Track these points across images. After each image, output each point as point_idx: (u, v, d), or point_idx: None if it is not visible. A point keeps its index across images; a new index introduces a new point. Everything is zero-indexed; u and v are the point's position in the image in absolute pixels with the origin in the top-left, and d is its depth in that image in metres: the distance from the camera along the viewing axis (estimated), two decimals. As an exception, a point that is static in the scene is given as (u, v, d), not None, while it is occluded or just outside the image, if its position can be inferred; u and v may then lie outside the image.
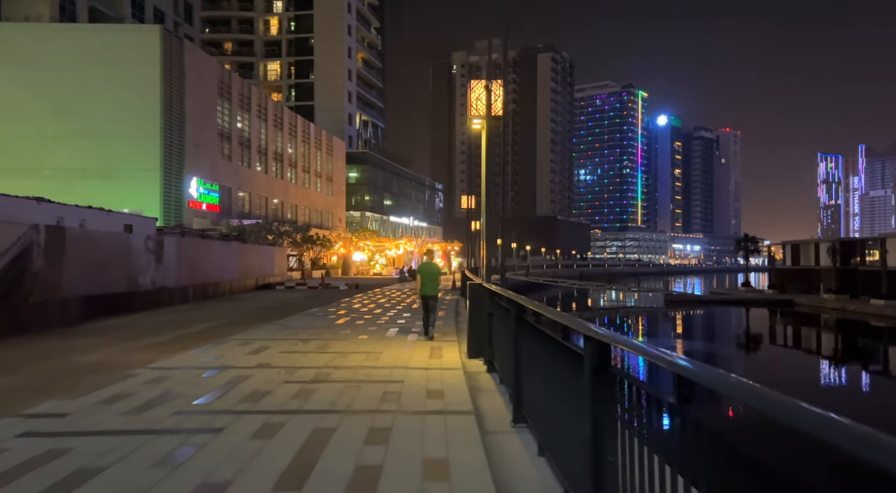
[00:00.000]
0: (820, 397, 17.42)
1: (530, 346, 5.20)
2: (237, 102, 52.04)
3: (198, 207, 44.45)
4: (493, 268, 9.30)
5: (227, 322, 15.77)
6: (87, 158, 40.29)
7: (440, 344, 11.68)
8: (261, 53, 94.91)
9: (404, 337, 12.72)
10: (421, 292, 12.60)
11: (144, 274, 20.06)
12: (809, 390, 18.91)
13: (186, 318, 16.99)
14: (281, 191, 61.25)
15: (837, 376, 22.84)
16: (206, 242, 25.94)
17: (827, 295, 41.86)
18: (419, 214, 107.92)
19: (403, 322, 15.79)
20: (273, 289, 33.18)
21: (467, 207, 28.45)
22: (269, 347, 10.93)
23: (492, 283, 9.33)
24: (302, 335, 12.74)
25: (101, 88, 40.05)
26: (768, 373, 22.10)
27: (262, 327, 14.12)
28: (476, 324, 9.83)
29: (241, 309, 20.29)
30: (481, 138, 10.50)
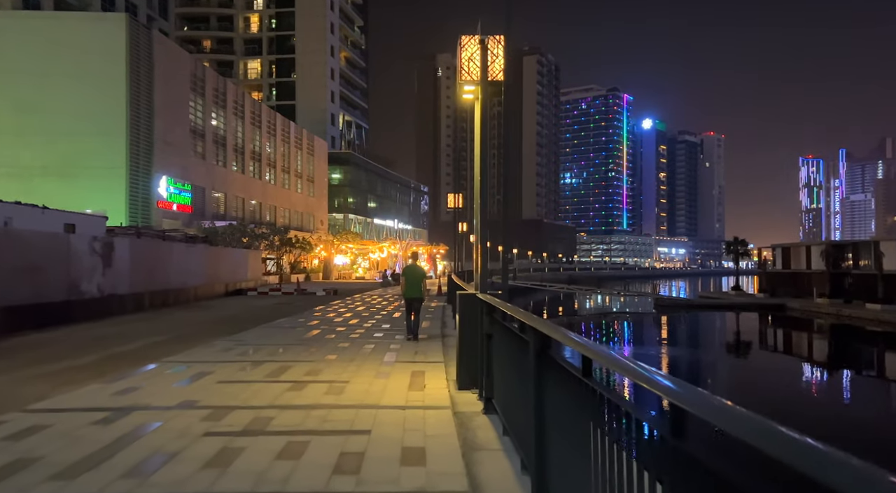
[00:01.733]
0: (823, 407, 15.99)
1: (566, 406, 3.08)
2: (211, 97, 49.53)
3: (168, 207, 41.91)
4: (486, 273, 7.03)
5: (173, 337, 13.48)
6: (48, 155, 37.67)
7: (423, 366, 9.53)
8: (241, 51, 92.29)
9: (380, 356, 10.55)
10: (404, 294, 12.85)
11: (89, 280, 17.70)
12: (810, 399, 17.81)
13: (129, 331, 14.67)
14: (259, 192, 58.75)
15: (838, 383, 21.49)
16: (166, 245, 23.57)
17: (820, 299, 40.74)
18: (404, 216, 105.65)
19: (381, 336, 13.60)
20: (245, 295, 30.81)
21: (454, 206, 26.45)
22: (208, 373, 8.71)
23: (490, 293, 7.19)
24: (256, 355, 10.52)
25: (62, 80, 37.46)
26: (767, 381, 20.73)
27: (212, 344, 11.88)
28: (468, 347, 7.70)
29: (199, 320, 17.98)
30: (474, 115, 8.37)
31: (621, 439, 2.19)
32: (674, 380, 1.72)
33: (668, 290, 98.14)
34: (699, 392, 1.54)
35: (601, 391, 2.48)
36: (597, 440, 2.49)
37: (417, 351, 11.26)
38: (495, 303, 6.33)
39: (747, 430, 1.23)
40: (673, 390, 1.66)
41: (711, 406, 1.42)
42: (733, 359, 27.23)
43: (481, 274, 7.74)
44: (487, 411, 6.51)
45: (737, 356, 28.01)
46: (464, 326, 7.84)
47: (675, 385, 1.67)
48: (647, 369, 1.97)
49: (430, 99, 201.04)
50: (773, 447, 1.13)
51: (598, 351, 2.58)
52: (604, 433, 2.41)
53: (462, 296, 7.91)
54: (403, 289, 12.94)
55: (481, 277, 7.74)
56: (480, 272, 7.74)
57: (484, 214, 7.86)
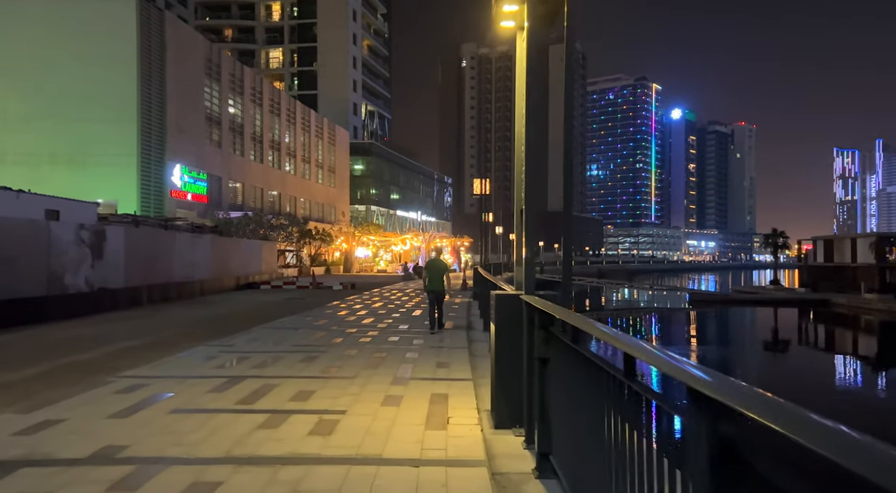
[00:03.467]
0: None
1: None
2: (228, 83, 47.81)
3: (182, 197, 40.31)
4: (533, 267, 4.67)
5: (152, 341, 11.53)
6: (56, 142, 36.25)
7: (446, 386, 7.39)
8: (262, 40, 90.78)
9: (393, 369, 8.43)
10: (426, 288, 13.05)
11: (75, 273, 15.88)
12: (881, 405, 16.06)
13: (107, 333, 12.78)
14: (278, 182, 57.06)
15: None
16: (168, 235, 21.73)
17: (869, 295, 38.39)
18: (427, 208, 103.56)
19: (396, 341, 11.49)
20: (257, 289, 28.98)
21: (481, 192, 24.28)
22: (166, 395, 6.68)
23: (540, 295, 5.01)
24: (238, 368, 8.48)
25: (70, 64, 35.92)
26: (826, 383, 18.60)
27: (193, 351, 9.90)
28: (507, 369, 5.55)
29: (194, 318, 16.06)
30: (516, 64, 6.22)
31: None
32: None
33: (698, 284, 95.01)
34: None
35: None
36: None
37: (439, 362, 9.12)
38: (554, 311, 4.16)
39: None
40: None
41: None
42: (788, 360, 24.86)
43: (527, 269, 5.55)
44: (542, 472, 4.34)
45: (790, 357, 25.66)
46: (502, 339, 5.67)
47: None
48: None
49: (453, 89, 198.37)
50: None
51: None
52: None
53: (499, 298, 5.73)
54: (425, 283, 13.16)
55: (527, 272, 5.55)
56: (525, 266, 5.56)
57: (531, 189, 5.67)
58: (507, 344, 5.62)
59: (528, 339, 5.03)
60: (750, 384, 1.45)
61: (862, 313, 36.39)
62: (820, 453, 1.05)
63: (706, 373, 1.67)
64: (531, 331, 4.97)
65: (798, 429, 1.14)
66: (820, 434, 1.09)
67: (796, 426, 1.15)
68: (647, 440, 2.32)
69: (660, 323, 39.21)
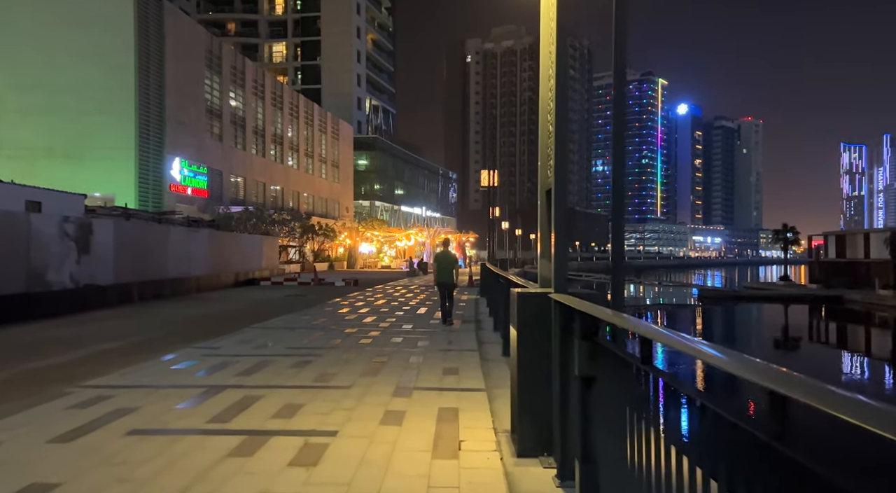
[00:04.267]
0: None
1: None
2: (229, 76, 46.84)
3: (182, 191, 39.40)
4: (564, 259, 3.52)
5: (132, 344, 10.57)
6: (53, 135, 35.38)
7: (455, 398, 6.39)
8: (265, 34, 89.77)
9: (395, 377, 7.43)
10: (436, 280, 13.22)
11: (58, 268, 14.93)
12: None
13: (87, 333, 11.83)
14: (281, 177, 56.11)
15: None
16: (162, 229, 20.77)
17: (884, 291, 37.64)
18: (432, 203, 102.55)
19: (400, 342, 10.49)
20: (257, 285, 28.05)
21: (489, 183, 23.24)
22: (130, 410, 5.70)
23: (574, 294, 3.99)
24: (219, 376, 7.48)
25: (67, 56, 35.02)
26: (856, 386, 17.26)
27: (174, 354, 8.92)
28: (533, 386, 4.54)
29: (184, 317, 15.10)
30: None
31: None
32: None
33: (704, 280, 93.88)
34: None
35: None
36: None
37: (447, 368, 8.12)
38: (604, 316, 3.14)
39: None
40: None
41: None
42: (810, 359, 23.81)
43: (557, 262, 4.54)
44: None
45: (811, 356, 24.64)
46: (525, 348, 4.65)
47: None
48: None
49: (458, 85, 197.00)
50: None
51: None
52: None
53: (523, 298, 4.71)
54: (435, 275, 13.28)
55: (556, 266, 4.54)
56: (555, 258, 4.54)
57: (562, 163, 4.63)
58: (532, 354, 4.61)
59: (562, 349, 4.02)
60: None
61: (876, 310, 35.61)
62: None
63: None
64: (565, 339, 3.96)
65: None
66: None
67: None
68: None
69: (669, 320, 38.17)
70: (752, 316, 39.64)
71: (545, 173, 5.23)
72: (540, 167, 5.29)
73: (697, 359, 2.09)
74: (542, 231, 5.29)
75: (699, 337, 21.30)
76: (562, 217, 4.59)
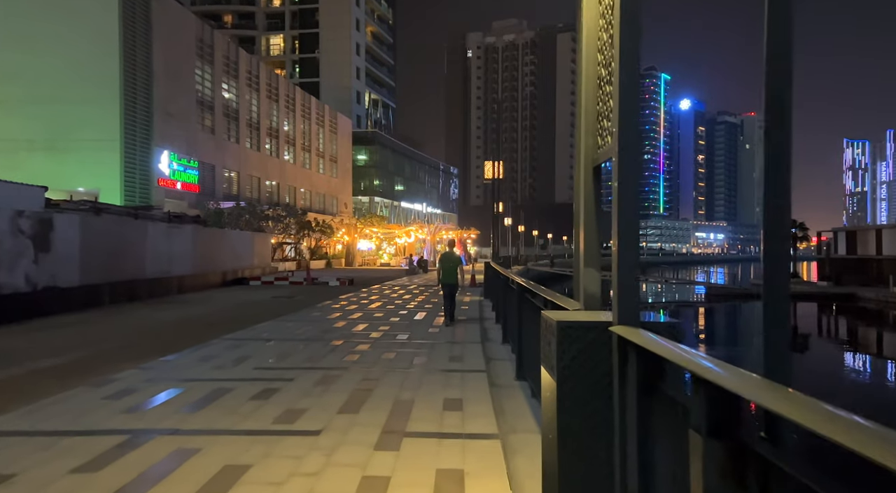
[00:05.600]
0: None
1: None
2: (221, 66, 45.08)
3: (171, 185, 37.70)
4: (635, 258, 1.62)
5: (72, 361, 8.90)
6: (34, 126, 33.66)
7: (460, 455, 4.72)
8: (263, 26, 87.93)
9: (380, 416, 5.76)
10: (441, 281, 13.18)
11: (10, 269, 13.27)
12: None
13: (25, 347, 10.18)
14: (276, 171, 54.39)
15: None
16: (138, 225, 19.09)
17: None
18: (433, 199, 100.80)
19: (392, 358, 8.80)
20: (246, 285, 26.42)
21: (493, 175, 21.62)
22: (7, 477, 4.05)
23: (648, 326, 2.31)
24: (150, 417, 5.80)
25: (48, 43, 33.27)
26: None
27: (113, 377, 7.25)
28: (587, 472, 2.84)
29: (151, 324, 13.44)
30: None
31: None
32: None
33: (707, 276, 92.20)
34: None
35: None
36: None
37: (448, 398, 6.43)
38: (750, 392, 1.46)
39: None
40: None
41: None
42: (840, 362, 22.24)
43: (620, 277, 2.84)
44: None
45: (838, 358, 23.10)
46: (569, 412, 2.95)
47: None
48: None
49: (459, 80, 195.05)
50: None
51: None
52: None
53: (567, 331, 3.00)
54: (440, 276, 13.27)
55: (621, 283, 2.84)
56: (619, 271, 2.84)
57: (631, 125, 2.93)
58: (580, 418, 2.93)
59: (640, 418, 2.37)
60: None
61: (891, 309, 34.52)
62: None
63: None
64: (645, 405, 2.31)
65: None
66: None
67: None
68: None
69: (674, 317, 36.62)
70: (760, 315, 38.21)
71: (591, 142, 3.55)
72: (582, 135, 3.61)
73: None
74: (586, 226, 3.61)
75: (709, 338, 19.21)
76: (633, 205, 2.90)
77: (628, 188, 2.88)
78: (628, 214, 2.87)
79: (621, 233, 2.87)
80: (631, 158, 2.87)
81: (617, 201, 2.89)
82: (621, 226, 2.87)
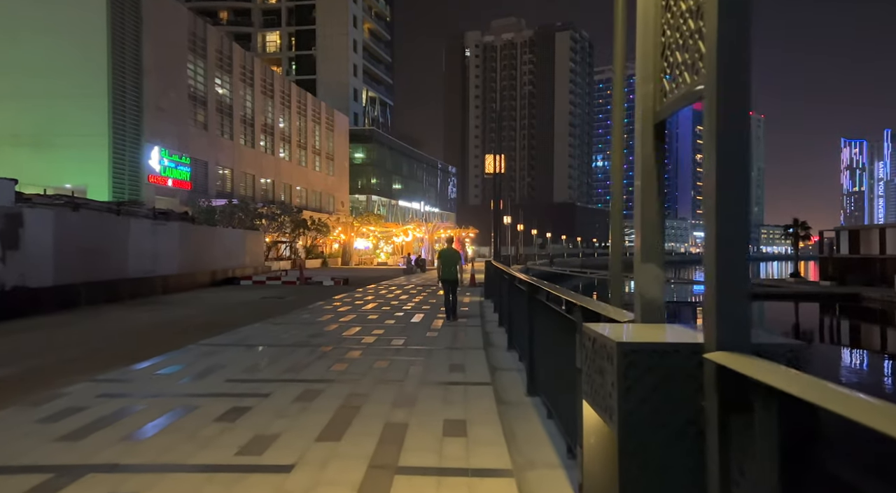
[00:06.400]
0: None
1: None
2: (214, 60, 44.02)
3: (162, 182, 36.63)
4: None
5: (10, 375, 7.89)
6: (19, 121, 32.59)
7: (466, 490, 3.74)
8: (259, 23, 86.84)
9: (367, 445, 4.77)
10: (441, 277, 13.23)
11: (-26, 268, 12.25)
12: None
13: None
14: (271, 169, 53.32)
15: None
16: (120, 222, 18.06)
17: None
18: (431, 198, 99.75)
19: (385, 367, 7.80)
20: (237, 285, 25.40)
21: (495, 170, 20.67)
22: None
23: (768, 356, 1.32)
24: (83, 448, 4.79)
25: (32, 33, 32.18)
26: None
27: (68, 389, 6.25)
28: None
29: (123, 329, 12.43)
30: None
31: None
32: None
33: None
34: None
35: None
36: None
37: (449, 419, 5.44)
38: None
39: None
40: None
41: None
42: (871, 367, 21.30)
43: (720, 260, 1.84)
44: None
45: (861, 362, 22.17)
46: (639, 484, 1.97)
47: None
48: None
49: (458, 79, 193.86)
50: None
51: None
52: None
53: (634, 357, 2.01)
54: (440, 272, 13.31)
55: (721, 275, 1.84)
56: (717, 254, 1.84)
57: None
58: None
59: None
60: None
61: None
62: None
63: None
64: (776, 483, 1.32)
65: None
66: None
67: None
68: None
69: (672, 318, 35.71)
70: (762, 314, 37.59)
71: (651, 89, 2.56)
72: (639, 81, 2.62)
73: None
74: (644, 206, 2.62)
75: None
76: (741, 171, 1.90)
77: (733, 145, 1.88)
78: (732, 183, 1.88)
79: (721, 210, 1.88)
80: (739, 98, 1.88)
81: (715, 165, 1.89)
82: (721, 201, 1.88)
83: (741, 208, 1.87)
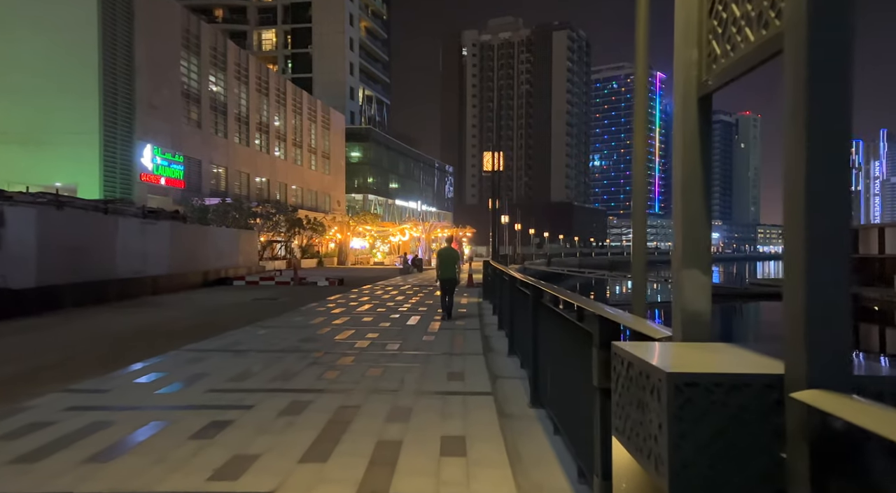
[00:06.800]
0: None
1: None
2: (208, 57, 43.47)
3: (154, 181, 36.09)
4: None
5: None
6: (7, 118, 32.04)
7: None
8: (255, 21, 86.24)
9: (357, 468, 4.30)
10: (439, 276, 13.34)
11: (-50, 269, 11.74)
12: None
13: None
14: (267, 168, 52.78)
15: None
16: (108, 220, 17.55)
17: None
18: (428, 197, 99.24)
19: (379, 375, 7.32)
20: (229, 285, 24.90)
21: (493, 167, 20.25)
22: None
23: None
24: (34, 478, 4.34)
25: (22, 29, 31.65)
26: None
27: (34, 401, 5.76)
28: None
29: (104, 332, 11.93)
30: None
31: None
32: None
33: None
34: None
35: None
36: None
37: (447, 436, 4.97)
38: None
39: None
40: None
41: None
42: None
43: (811, 268, 1.36)
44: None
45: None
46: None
47: None
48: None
49: (454, 78, 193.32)
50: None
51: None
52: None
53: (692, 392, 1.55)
54: (438, 271, 13.40)
55: (812, 287, 1.36)
56: (808, 259, 1.37)
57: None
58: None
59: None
60: None
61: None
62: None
63: None
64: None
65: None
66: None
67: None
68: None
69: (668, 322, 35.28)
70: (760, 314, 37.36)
71: (694, 56, 2.09)
72: (681, 48, 2.15)
73: None
74: (685, 198, 2.15)
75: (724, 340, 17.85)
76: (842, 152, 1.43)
77: (831, 117, 1.41)
78: (832, 168, 1.41)
79: (812, 200, 1.41)
80: (839, 49, 1.40)
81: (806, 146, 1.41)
82: (813, 192, 1.40)
83: (841, 202, 1.41)
